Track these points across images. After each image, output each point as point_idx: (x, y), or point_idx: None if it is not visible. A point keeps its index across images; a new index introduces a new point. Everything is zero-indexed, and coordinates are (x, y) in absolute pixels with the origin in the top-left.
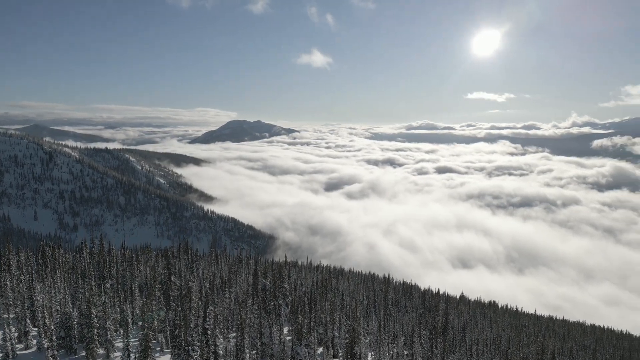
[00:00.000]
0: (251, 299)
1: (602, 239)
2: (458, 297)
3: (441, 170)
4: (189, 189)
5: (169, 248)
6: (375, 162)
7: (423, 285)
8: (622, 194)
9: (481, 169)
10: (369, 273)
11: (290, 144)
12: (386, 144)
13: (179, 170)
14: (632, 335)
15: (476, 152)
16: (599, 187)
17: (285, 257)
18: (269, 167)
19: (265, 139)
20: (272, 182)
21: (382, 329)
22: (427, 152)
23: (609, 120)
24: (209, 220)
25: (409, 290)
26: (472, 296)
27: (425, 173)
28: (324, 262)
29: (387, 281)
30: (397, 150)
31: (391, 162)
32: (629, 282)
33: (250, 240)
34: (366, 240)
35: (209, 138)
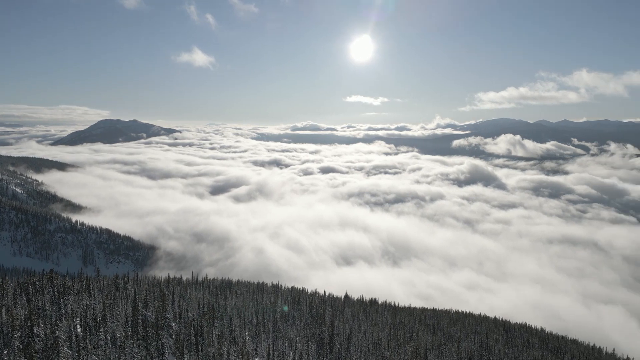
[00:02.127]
0: (131, 339)
1: (462, 229)
2: (343, 297)
3: (325, 170)
4: (53, 198)
5: (30, 280)
6: (262, 164)
7: (311, 287)
8: (478, 189)
9: (361, 169)
10: (258, 283)
11: (171, 145)
12: (272, 144)
13: (39, 177)
14: (489, 317)
15: (356, 152)
16: (459, 182)
17: (169, 276)
18: (148, 170)
19: (143, 140)
20: (152, 187)
21: (271, 352)
22: (312, 152)
23: (466, 123)
24: (78, 233)
25: (297, 297)
26: (355, 293)
27: (311, 173)
28: (211, 271)
29: (275, 290)
30: (283, 151)
31: (278, 163)
32: (484, 267)
33: (127, 253)
34: (254, 245)
35: (75, 139)
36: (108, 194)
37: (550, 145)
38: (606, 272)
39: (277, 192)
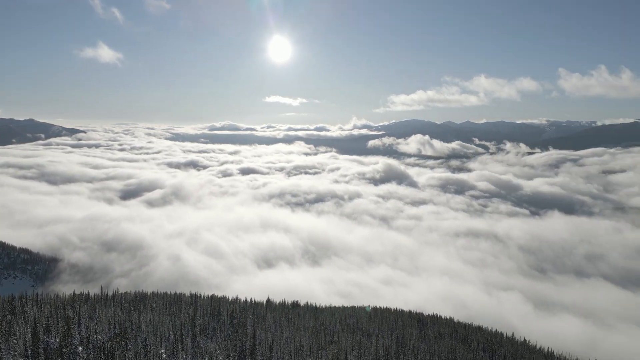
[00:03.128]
0: None
1: (378, 226)
2: (265, 302)
3: (245, 172)
4: None
5: None
6: (178, 165)
7: (232, 293)
8: (392, 187)
9: (281, 169)
10: (175, 294)
11: (74, 146)
12: (189, 145)
13: None
14: (404, 311)
15: (276, 153)
16: (375, 181)
17: (74, 293)
18: (48, 175)
19: (41, 141)
20: (54, 194)
21: None
22: (231, 153)
23: (380, 124)
24: None
25: (217, 307)
26: (277, 296)
27: (230, 175)
28: (123, 283)
29: (194, 300)
30: (200, 151)
31: (194, 165)
32: (399, 262)
33: (25, 267)
34: (170, 252)
35: None
36: (0, 202)
37: (455, 144)
38: (505, 261)
39: (195, 195)
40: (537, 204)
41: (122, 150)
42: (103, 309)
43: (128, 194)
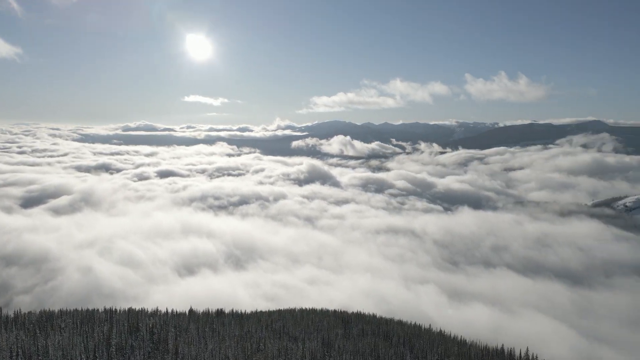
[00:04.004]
0: None
1: (303, 227)
2: (187, 312)
3: (163, 175)
4: None
5: None
6: (88, 169)
7: (151, 305)
8: (316, 187)
9: (203, 171)
10: (87, 310)
11: None
12: (100, 147)
13: None
14: (329, 311)
15: (197, 154)
16: (299, 182)
17: None
18: None
19: None
20: None
21: None
22: (148, 155)
23: (304, 124)
24: None
25: (135, 322)
26: (201, 305)
27: (147, 178)
28: (26, 300)
29: (109, 316)
30: (113, 154)
31: (107, 168)
32: (324, 261)
33: None
34: (81, 264)
35: None
36: None
37: (374, 145)
38: (421, 255)
39: (107, 200)
40: (449, 200)
41: (21, 153)
42: (3, 333)
43: (30, 202)
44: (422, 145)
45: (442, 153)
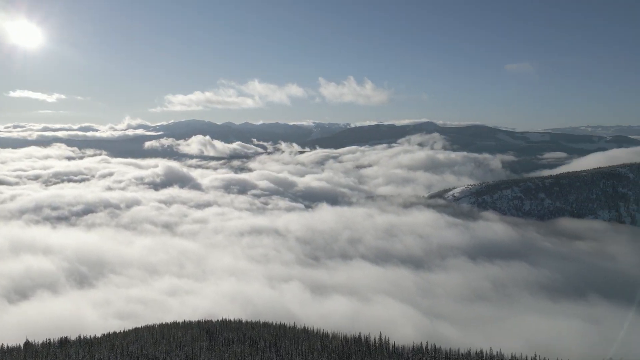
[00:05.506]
0: None
1: (161, 234)
2: (23, 345)
3: None
4: None
5: None
6: None
7: None
8: (174, 191)
9: (36, 177)
10: None
11: None
12: None
13: None
14: (192, 322)
15: (27, 158)
16: (155, 186)
17: None
18: None
19: None
20: None
21: None
22: None
23: (158, 124)
24: None
25: None
26: (40, 335)
27: None
28: None
29: None
30: None
31: None
32: (185, 269)
33: None
34: None
35: None
36: None
37: (236, 145)
38: (285, 253)
39: None
40: (310, 198)
41: None
42: None
43: None
44: (283, 145)
45: (301, 152)
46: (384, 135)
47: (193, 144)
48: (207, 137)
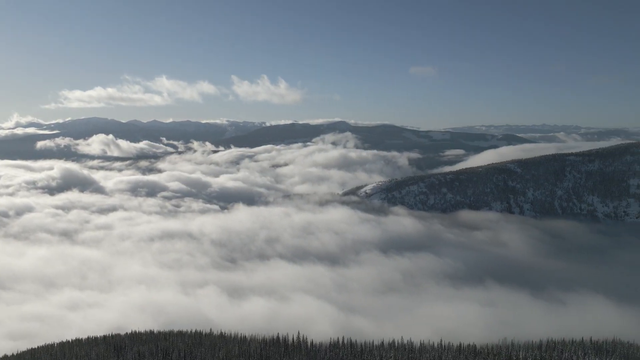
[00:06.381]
0: None
1: (59, 243)
2: None
3: None
4: None
5: None
6: None
7: None
8: (74, 195)
9: None
10: None
11: None
12: None
13: None
14: (98, 338)
15: None
16: (51, 190)
17: None
18: None
19: None
20: None
21: None
22: None
23: (53, 122)
24: None
25: None
26: None
27: None
28: None
29: None
30: None
31: None
32: (88, 280)
33: None
34: None
35: None
36: None
37: (143, 144)
38: (200, 257)
39: None
40: (225, 199)
41: None
42: None
43: None
44: (195, 144)
45: (215, 152)
46: (299, 134)
47: (94, 144)
48: (111, 136)
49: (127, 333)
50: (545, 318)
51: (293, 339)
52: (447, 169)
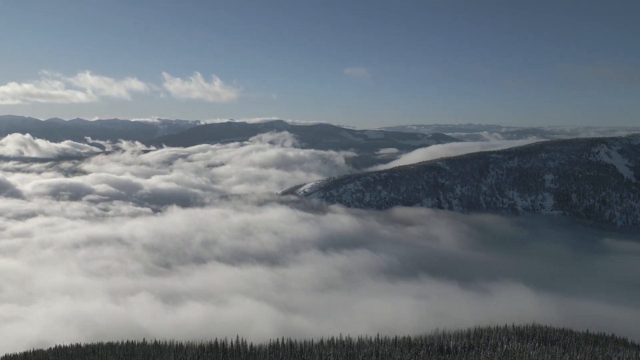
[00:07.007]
0: None
1: None
2: None
3: None
4: None
5: None
6: None
7: None
8: None
9: None
10: None
11: None
12: None
13: None
14: (17, 355)
15: None
16: None
17: None
18: None
19: None
20: None
21: None
22: None
23: None
24: None
25: None
26: None
27: None
28: None
29: None
30: None
31: None
32: (5, 292)
33: None
34: None
35: None
36: None
37: (65, 144)
38: (131, 263)
39: None
40: (157, 201)
41: None
42: None
43: None
44: (124, 144)
45: (145, 152)
46: (235, 133)
47: (9, 144)
48: (28, 136)
49: (50, 348)
50: (473, 307)
51: (232, 343)
52: (382, 167)
